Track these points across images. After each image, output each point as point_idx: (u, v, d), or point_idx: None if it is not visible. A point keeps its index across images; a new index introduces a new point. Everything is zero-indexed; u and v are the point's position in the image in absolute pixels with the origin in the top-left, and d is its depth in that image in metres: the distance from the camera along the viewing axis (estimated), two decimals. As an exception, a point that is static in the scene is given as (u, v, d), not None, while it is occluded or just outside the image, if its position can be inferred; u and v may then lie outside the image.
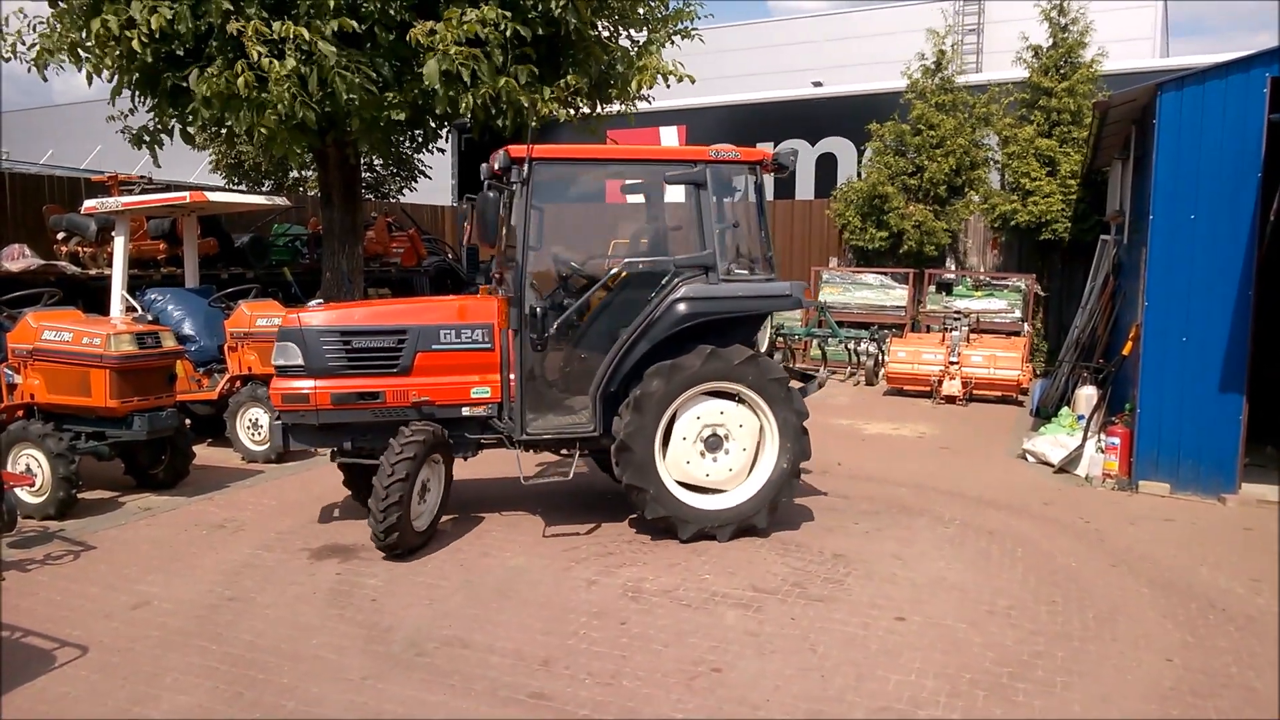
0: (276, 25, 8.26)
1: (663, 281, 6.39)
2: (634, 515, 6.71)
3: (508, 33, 8.85)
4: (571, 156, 6.80)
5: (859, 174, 16.06)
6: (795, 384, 6.73)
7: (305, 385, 6.21)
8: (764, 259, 6.77)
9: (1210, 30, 39.02)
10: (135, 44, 8.38)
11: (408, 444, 5.91)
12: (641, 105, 11.55)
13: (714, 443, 6.36)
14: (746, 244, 6.88)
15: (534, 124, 8.50)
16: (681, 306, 6.23)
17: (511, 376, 6.41)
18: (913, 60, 15.23)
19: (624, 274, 6.50)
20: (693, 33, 11.22)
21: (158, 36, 8.43)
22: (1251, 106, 7.08)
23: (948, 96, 14.84)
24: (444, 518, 6.57)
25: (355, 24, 8.51)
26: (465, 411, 6.52)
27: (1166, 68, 14.87)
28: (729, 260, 6.50)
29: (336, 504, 7.26)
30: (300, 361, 6.21)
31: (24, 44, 9.09)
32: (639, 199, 7.51)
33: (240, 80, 8.28)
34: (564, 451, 6.95)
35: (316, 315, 6.41)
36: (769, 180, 7.18)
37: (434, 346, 6.39)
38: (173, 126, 10.02)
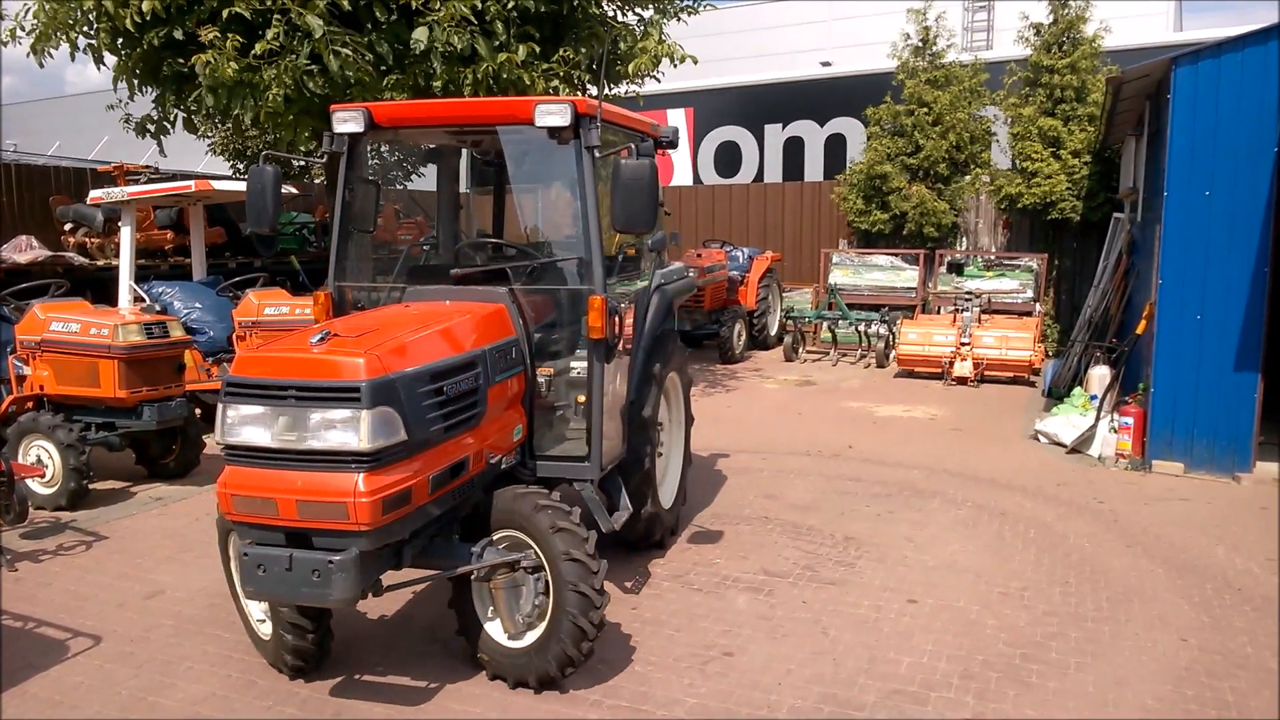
0: None
1: (641, 267, 5.90)
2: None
3: (509, 6, 8.76)
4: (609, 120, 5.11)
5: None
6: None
7: (408, 472, 3.80)
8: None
9: (1226, 6, 38.41)
10: (128, 23, 8.31)
11: (584, 538, 4.14)
12: (649, 86, 11.46)
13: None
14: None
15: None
16: (662, 296, 5.79)
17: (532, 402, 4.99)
18: (899, 40, 15.10)
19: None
20: (698, 9, 11.11)
21: (150, 19, 8.36)
22: (1268, 80, 6.96)
23: (940, 72, 14.68)
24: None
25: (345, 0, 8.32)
26: (503, 464, 4.66)
27: (1179, 43, 14.70)
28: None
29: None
30: (403, 436, 3.75)
31: (23, 30, 9.03)
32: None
33: (240, 60, 8.15)
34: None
35: (379, 353, 3.81)
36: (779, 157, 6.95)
37: (497, 377, 4.52)
38: (175, 116, 9.97)
